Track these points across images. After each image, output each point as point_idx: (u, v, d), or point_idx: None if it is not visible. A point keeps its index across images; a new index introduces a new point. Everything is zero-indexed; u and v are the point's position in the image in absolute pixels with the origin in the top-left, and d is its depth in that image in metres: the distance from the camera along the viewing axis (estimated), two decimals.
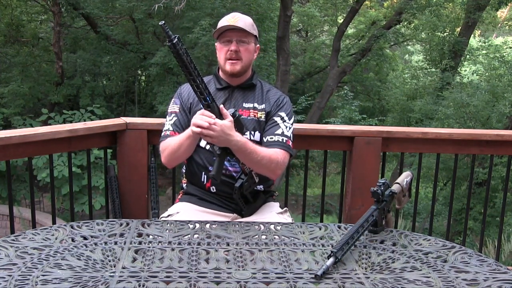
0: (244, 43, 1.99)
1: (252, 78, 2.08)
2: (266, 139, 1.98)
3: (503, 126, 9.64)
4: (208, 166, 1.99)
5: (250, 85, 2.06)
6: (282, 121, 2.02)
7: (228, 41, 1.98)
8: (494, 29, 19.00)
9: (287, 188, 2.87)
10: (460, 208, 9.64)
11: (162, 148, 1.99)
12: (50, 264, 1.36)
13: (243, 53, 1.99)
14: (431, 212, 3.05)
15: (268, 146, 1.96)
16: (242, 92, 2.06)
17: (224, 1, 11.37)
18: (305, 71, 16.81)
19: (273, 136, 1.98)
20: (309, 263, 1.44)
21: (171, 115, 2.05)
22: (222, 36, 1.99)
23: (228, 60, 1.98)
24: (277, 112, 2.03)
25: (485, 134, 2.76)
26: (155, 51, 11.72)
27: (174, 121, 2.02)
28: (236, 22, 1.96)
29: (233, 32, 1.97)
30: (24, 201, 9.98)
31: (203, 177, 2.02)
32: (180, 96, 2.07)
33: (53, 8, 11.75)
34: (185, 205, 2.03)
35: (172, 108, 2.07)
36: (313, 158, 13.84)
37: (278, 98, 2.07)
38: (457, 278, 1.37)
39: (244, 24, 1.97)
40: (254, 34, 2.01)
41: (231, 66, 1.99)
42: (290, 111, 2.07)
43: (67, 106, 12.22)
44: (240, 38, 1.97)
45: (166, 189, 11.97)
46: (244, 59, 2.00)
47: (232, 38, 1.97)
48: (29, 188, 2.60)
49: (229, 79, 2.05)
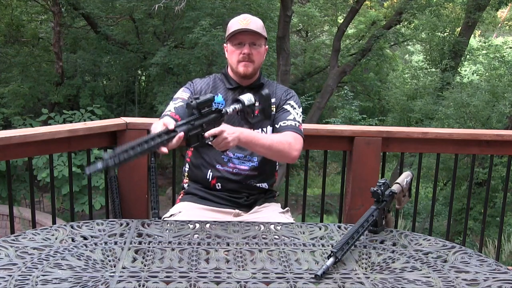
0: (256, 46, 2.01)
1: (260, 78, 2.11)
2: (279, 125, 2.01)
3: (503, 126, 9.64)
4: (216, 164, 2.00)
5: (259, 85, 2.09)
6: (292, 108, 2.06)
7: (240, 44, 1.99)
8: (494, 29, 19.01)
9: (287, 188, 2.87)
10: (460, 208, 9.64)
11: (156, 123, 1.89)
12: (50, 264, 1.36)
13: (255, 56, 2.00)
14: (431, 212, 3.05)
15: (281, 131, 1.99)
16: (253, 93, 2.05)
17: (224, 1, 11.36)
18: (305, 71, 16.82)
19: (286, 121, 2.01)
20: (309, 263, 1.44)
21: (176, 100, 2.01)
22: (234, 38, 2.00)
23: (241, 62, 2.00)
24: (287, 101, 2.08)
25: (485, 134, 2.76)
26: (155, 51, 11.72)
27: (178, 105, 1.98)
28: (248, 25, 1.97)
29: (245, 35, 1.98)
30: (24, 201, 9.98)
31: (209, 174, 2.02)
32: (193, 88, 2.07)
33: (53, 8, 11.76)
34: (187, 204, 2.04)
35: (180, 94, 2.05)
36: (313, 158, 13.84)
37: (285, 90, 2.12)
38: (457, 278, 1.37)
39: (256, 27, 1.98)
40: (265, 36, 2.04)
41: (244, 68, 2.00)
42: (298, 102, 2.11)
43: (67, 106, 12.23)
44: (252, 41, 1.99)
45: (166, 189, 11.97)
46: (256, 62, 2.02)
47: (245, 41, 1.98)
48: (29, 188, 2.60)
49: (239, 80, 2.06)
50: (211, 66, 11.01)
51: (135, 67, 13.81)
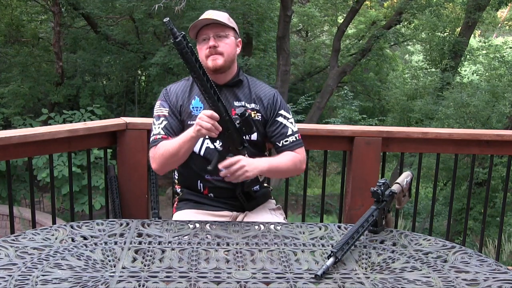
0: (222, 37, 1.92)
1: (238, 74, 2.01)
2: (281, 143, 1.99)
3: (503, 126, 9.64)
4: (203, 174, 1.94)
5: (237, 82, 2.00)
6: (286, 119, 2.01)
7: (206, 39, 1.92)
8: (494, 29, 18.99)
9: (287, 188, 2.87)
10: (460, 208, 9.64)
11: (153, 153, 1.91)
12: (50, 264, 1.36)
13: (223, 47, 1.91)
14: (431, 212, 3.05)
15: (287, 149, 1.99)
16: (231, 90, 1.99)
17: (224, 1, 11.36)
18: (305, 71, 16.82)
19: (287, 138, 1.99)
20: (309, 263, 1.44)
21: (159, 119, 1.95)
22: (199, 35, 1.94)
23: (209, 57, 1.91)
24: (277, 112, 2.00)
25: (485, 134, 2.76)
26: (155, 51, 11.72)
27: (164, 124, 1.93)
28: (210, 17, 1.91)
29: (208, 29, 1.91)
30: (24, 201, 9.98)
31: (199, 185, 1.97)
32: (168, 99, 1.98)
33: (53, 8, 11.75)
34: (184, 213, 1.98)
35: (160, 111, 1.96)
36: (313, 158, 13.82)
37: (268, 98, 2.01)
38: (457, 278, 1.36)
39: (218, 17, 1.92)
40: (232, 26, 1.95)
41: (212, 62, 1.90)
42: (285, 105, 2.05)
43: (67, 106, 12.23)
44: (217, 33, 1.91)
45: (166, 189, 11.96)
46: (226, 54, 1.91)
47: (209, 35, 1.91)
48: (29, 188, 2.60)
49: (214, 77, 1.92)
50: None
51: (135, 67, 13.81)
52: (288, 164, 1.96)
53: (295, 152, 2.00)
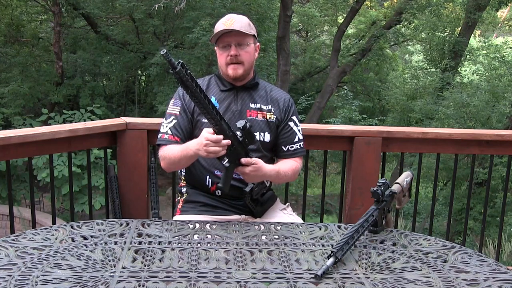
0: (243, 46, 1.93)
1: (255, 77, 2.05)
2: (287, 148, 2.03)
3: (503, 126, 9.63)
4: (214, 170, 1.95)
5: (254, 84, 2.04)
6: (295, 125, 2.06)
7: (226, 46, 1.93)
8: (494, 29, 19.01)
9: (287, 188, 2.86)
10: (460, 208, 9.64)
11: (161, 153, 1.94)
12: (50, 264, 1.36)
13: (243, 56, 1.94)
14: (431, 212, 3.05)
15: (290, 156, 2.03)
16: (248, 92, 2.02)
17: (224, 1, 11.37)
18: (305, 71, 16.81)
19: (293, 145, 2.04)
20: (309, 263, 1.44)
21: (170, 117, 1.97)
22: (220, 41, 1.94)
23: (230, 65, 1.94)
24: (290, 116, 2.05)
25: (485, 134, 2.76)
26: (155, 51, 11.72)
27: (174, 124, 1.95)
28: (232, 25, 1.90)
29: (230, 36, 1.92)
30: (24, 201, 9.98)
31: (208, 180, 1.97)
32: (182, 98, 1.99)
33: (53, 8, 11.76)
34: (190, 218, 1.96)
35: (172, 109, 1.99)
36: (313, 158, 13.83)
37: (284, 100, 2.06)
38: (457, 278, 1.36)
39: (241, 26, 1.91)
40: (252, 34, 1.96)
41: (233, 71, 1.94)
42: (296, 112, 2.11)
43: (67, 106, 12.23)
44: (238, 42, 1.92)
45: (166, 189, 11.96)
46: (246, 62, 1.95)
47: (230, 43, 1.92)
48: (29, 188, 2.60)
49: (232, 81, 2.00)
50: (211, 66, 11.01)
51: (135, 67, 13.81)
52: (289, 173, 2.00)
53: (295, 160, 2.04)
